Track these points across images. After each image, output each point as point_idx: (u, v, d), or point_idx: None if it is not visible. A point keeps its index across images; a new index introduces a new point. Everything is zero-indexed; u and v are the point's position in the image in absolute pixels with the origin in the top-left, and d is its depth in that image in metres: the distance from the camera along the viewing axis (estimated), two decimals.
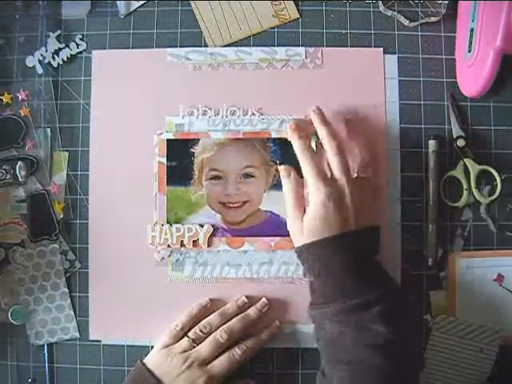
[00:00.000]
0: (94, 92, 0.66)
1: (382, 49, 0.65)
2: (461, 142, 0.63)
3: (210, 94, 0.65)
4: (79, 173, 0.65)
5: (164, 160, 0.64)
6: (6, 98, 0.65)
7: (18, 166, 0.63)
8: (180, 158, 0.64)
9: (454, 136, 0.64)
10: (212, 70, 0.66)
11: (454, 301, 0.63)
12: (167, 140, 0.64)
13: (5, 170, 0.63)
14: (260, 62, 0.65)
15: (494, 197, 0.63)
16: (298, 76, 0.65)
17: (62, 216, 0.64)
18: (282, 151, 0.64)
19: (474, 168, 0.63)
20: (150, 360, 0.59)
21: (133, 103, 0.65)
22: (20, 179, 0.63)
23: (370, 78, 0.65)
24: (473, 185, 0.63)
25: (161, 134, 0.64)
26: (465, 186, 0.63)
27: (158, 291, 0.64)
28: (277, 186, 0.63)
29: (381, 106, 0.64)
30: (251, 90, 0.65)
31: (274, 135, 0.64)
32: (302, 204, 0.56)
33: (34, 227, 0.64)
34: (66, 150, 0.65)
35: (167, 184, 0.64)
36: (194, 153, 0.64)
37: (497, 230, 0.63)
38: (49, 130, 0.65)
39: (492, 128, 0.65)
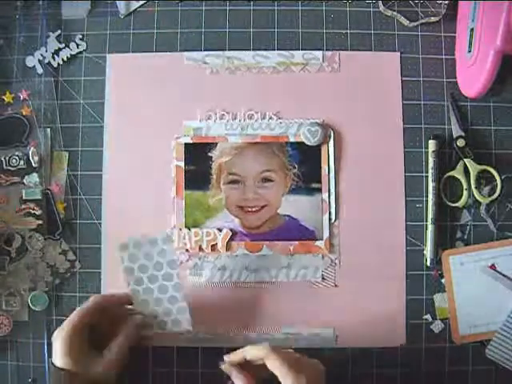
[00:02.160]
0: (109, 95, 0.65)
1: (398, 53, 0.65)
2: (461, 142, 0.63)
3: (228, 98, 0.65)
4: (79, 173, 0.65)
5: (182, 164, 0.64)
6: (7, 98, 0.65)
7: (30, 152, 0.63)
8: (198, 162, 0.64)
9: (454, 136, 0.64)
10: (229, 73, 0.66)
11: (453, 298, 0.63)
12: (185, 144, 0.64)
13: (18, 156, 0.63)
14: (277, 65, 0.65)
15: (494, 197, 0.63)
16: (316, 79, 0.65)
17: (62, 216, 0.64)
18: (300, 155, 0.64)
19: (474, 168, 0.63)
20: None
21: (150, 107, 0.65)
22: (33, 164, 0.63)
23: (387, 82, 0.65)
24: (473, 185, 0.63)
25: (178, 138, 0.64)
26: (465, 186, 0.63)
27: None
28: (295, 190, 0.64)
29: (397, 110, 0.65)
30: (269, 93, 0.65)
31: (291, 139, 0.64)
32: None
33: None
34: (66, 150, 0.65)
35: (185, 188, 0.64)
36: (211, 157, 0.64)
37: (497, 229, 0.63)
38: (49, 129, 0.65)
39: (492, 128, 0.65)
